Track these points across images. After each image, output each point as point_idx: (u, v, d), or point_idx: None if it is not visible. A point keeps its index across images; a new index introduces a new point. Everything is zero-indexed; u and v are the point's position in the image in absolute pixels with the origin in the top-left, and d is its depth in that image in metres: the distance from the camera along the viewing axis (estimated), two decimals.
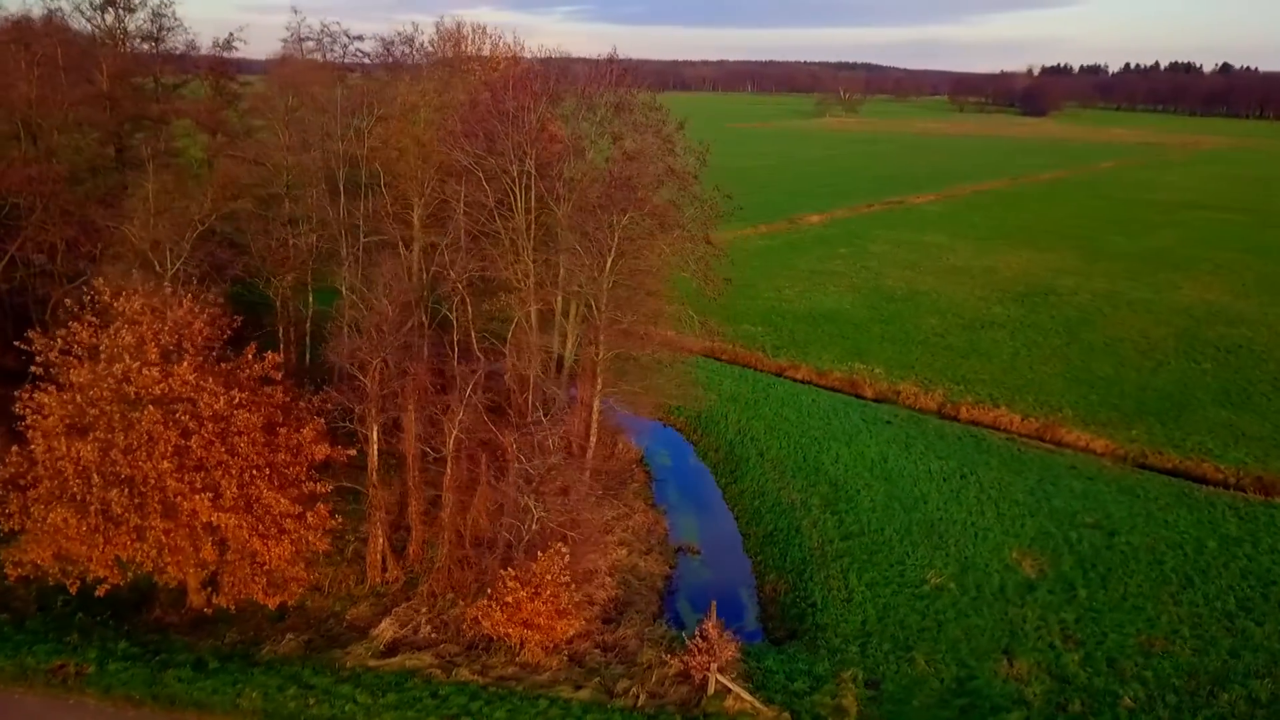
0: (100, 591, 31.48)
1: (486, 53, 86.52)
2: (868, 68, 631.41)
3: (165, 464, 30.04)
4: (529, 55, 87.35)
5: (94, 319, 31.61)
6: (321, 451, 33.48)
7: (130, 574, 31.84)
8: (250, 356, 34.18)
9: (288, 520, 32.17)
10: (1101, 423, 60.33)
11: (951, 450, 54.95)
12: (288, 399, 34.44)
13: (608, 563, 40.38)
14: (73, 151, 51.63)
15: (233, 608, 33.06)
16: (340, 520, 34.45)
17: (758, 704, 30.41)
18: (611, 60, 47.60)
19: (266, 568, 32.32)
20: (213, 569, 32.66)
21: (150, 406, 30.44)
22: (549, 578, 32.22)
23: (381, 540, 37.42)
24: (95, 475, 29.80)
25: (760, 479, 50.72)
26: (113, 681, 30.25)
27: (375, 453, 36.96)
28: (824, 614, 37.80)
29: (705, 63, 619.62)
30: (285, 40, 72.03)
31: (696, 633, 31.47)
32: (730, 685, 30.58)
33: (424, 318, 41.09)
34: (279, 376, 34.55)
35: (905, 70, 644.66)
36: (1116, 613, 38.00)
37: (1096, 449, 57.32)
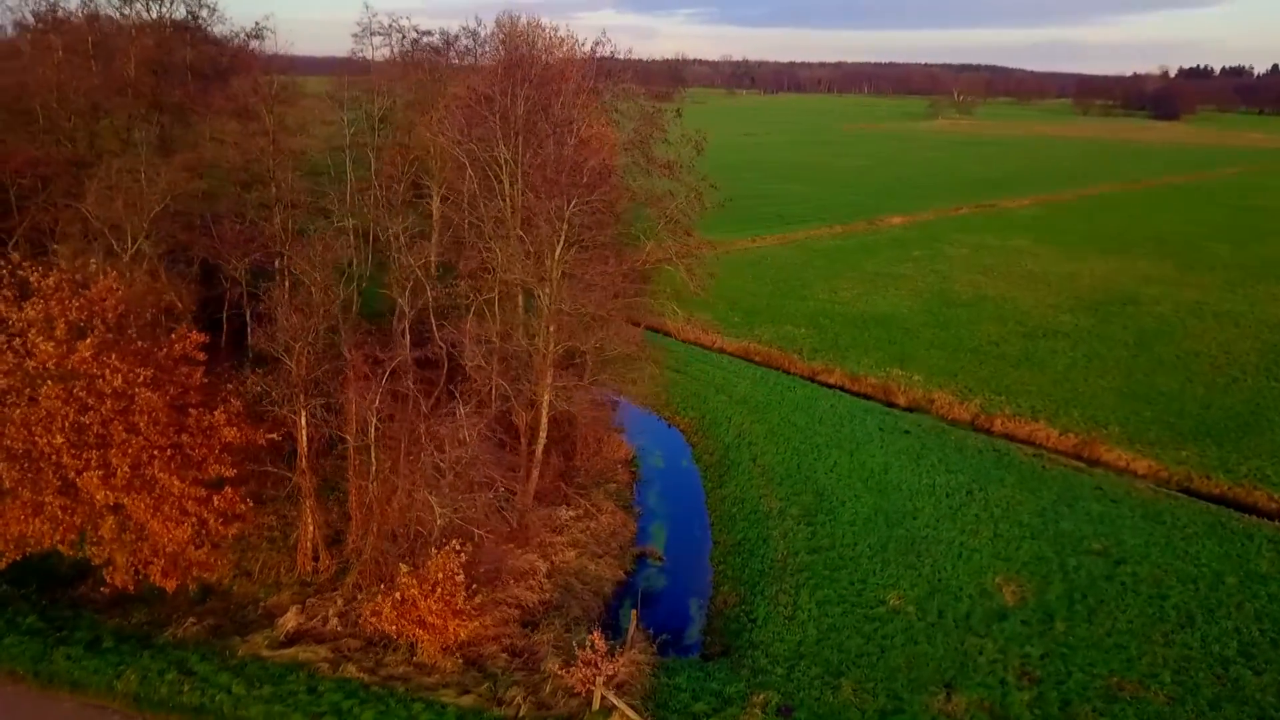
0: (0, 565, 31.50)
1: (539, 47, 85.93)
2: (990, 69, 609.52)
3: (59, 439, 29.81)
4: (575, 50, 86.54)
5: (8, 293, 31.67)
6: (231, 434, 32.80)
7: (28, 551, 31.64)
8: (173, 336, 33.81)
9: (189, 503, 31.57)
10: (1149, 442, 55.42)
11: (966, 464, 51.17)
12: (205, 380, 33.90)
13: (549, 564, 38.65)
14: (90, 136, 52.88)
15: (130, 588, 32.61)
16: (248, 505, 33.72)
17: None
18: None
19: (168, 550, 31.78)
20: (114, 548, 32.28)
21: (50, 382, 30.27)
22: (442, 576, 30.77)
23: (311, 528, 36.65)
24: None
25: (745, 485, 48.16)
26: (3, 655, 30.19)
27: (304, 438, 36.17)
28: (761, 631, 35.21)
29: (822, 65, 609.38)
30: (356, 34, 72.63)
31: (588, 644, 29.50)
32: (615, 702, 28.51)
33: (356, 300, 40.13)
34: (202, 357, 34.09)
35: (1029, 72, 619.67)
36: (1092, 650, 34.21)
37: (1137, 469, 52.68)
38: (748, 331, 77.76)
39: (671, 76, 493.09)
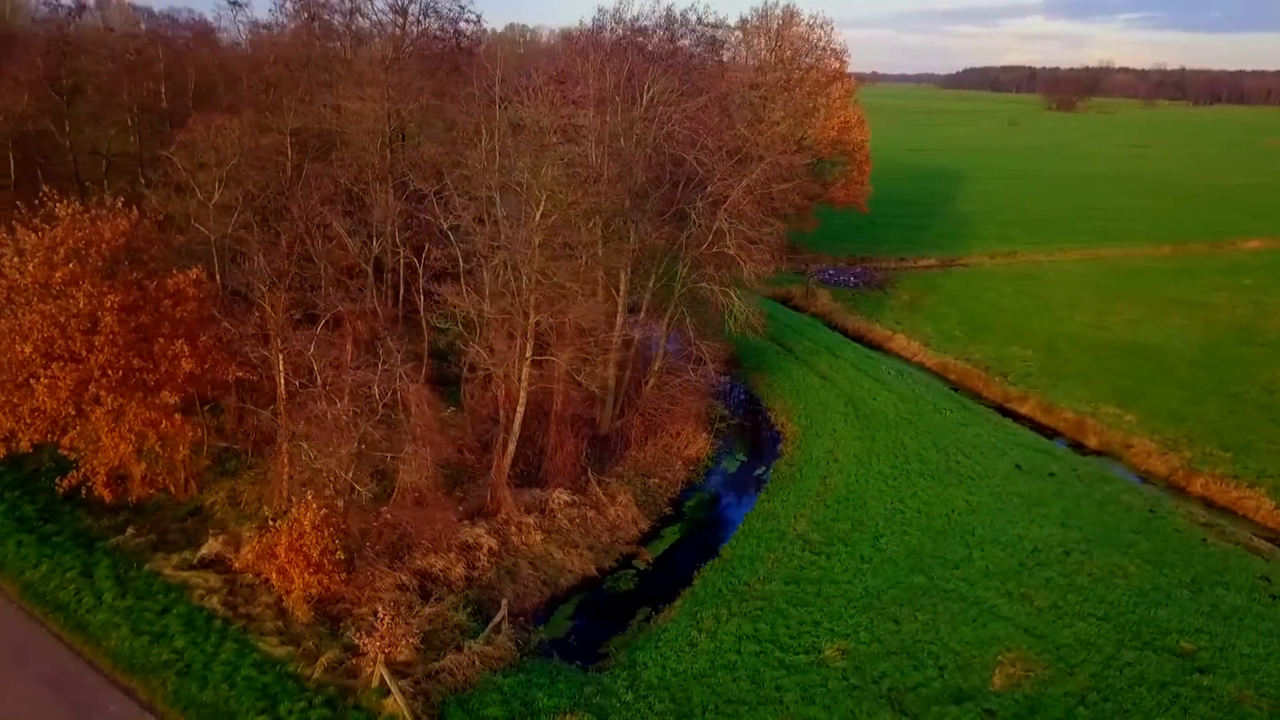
0: None
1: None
2: None
3: (28, 349, 33.58)
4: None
5: (33, 220, 36.13)
6: (189, 365, 34.98)
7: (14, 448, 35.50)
8: (174, 273, 36.79)
9: (136, 423, 34.18)
10: None
11: (1094, 521, 41.50)
12: (192, 318, 36.40)
13: (501, 543, 36.93)
14: None
15: (106, 497, 35.56)
16: (197, 432, 35.75)
17: (405, 712, 26.02)
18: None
19: (112, 462, 34.64)
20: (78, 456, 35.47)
21: (35, 299, 34.21)
22: (306, 525, 30.51)
23: (286, 467, 38.05)
24: None
25: (792, 501, 42.67)
26: None
27: (282, 380, 37.61)
28: (653, 653, 30.95)
29: (1277, 73, 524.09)
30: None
31: (379, 618, 27.77)
32: (390, 685, 26.49)
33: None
34: (194, 293, 36.72)
35: None
36: None
37: None
38: (959, 348, 69.18)
39: (1080, 85, 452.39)
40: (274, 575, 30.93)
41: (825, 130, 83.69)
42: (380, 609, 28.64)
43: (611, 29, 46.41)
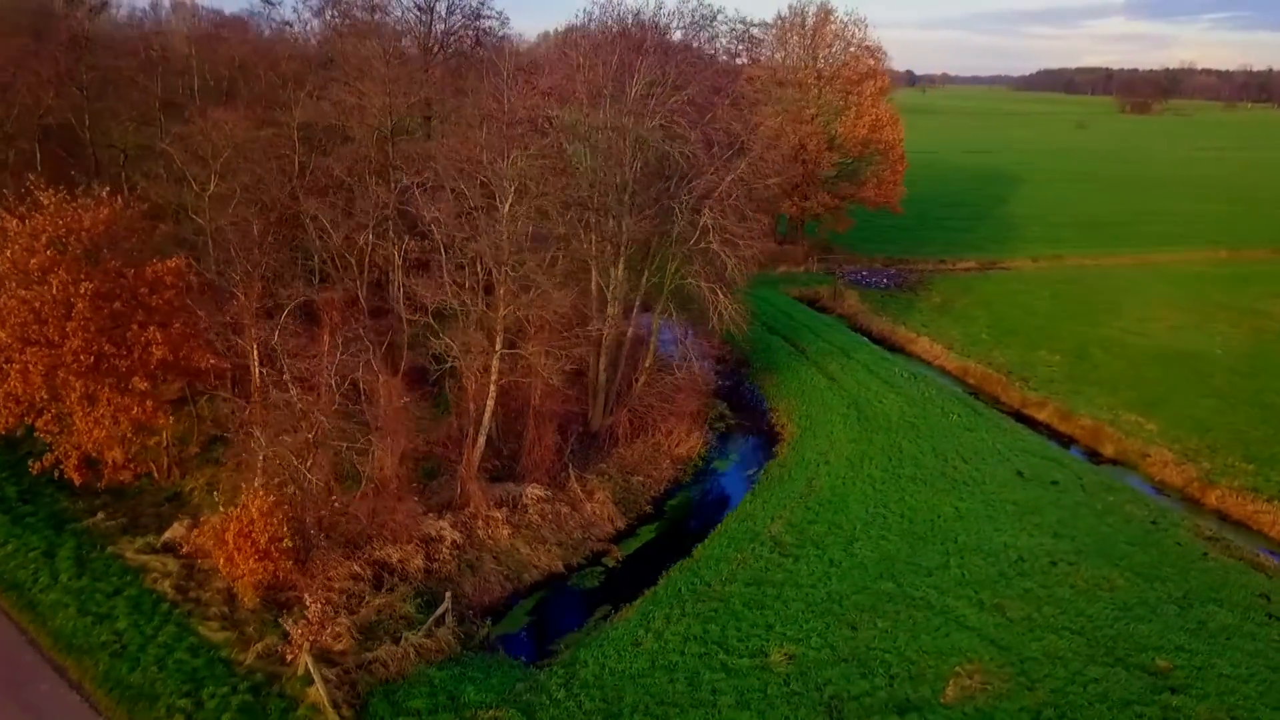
0: None
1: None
2: None
3: (4, 334, 34.37)
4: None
5: (21, 210, 36.97)
6: (161, 352, 35.46)
7: None
8: (155, 261, 37.38)
9: (109, 409, 34.78)
10: None
11: (1088, 531, 39.84)
12: (169, 306, 36.91)
13: (465, 537, 36.72)
14: None
15: (76, 480, 36.24)
16: (167, 419, 36.23)
17: (325, 701, 25.91)
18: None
19: (85, 447, 35.28)
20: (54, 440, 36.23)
21: (14, 285, 35.01)
22: (254, 512, 30.66)
23: (243, 454, 38.28)
24: None
25: (772, 502, 41.74)
26: None
27: (256, 369, 37.97)
28: (595, 651, 30.41)
29: None
30: None
31: (308, 607, 27.72)
32: (314, 674, 26.40)
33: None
34: (171, 281, 37.25)
35: None
36: None
37: None
38: (984, 352, 67.29)
39: (1158, 87, 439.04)
40: (221, 562, 31.11)
41: (855, 128, 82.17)
42: (308, 597, 28.61)
43: (605, 23, 45.98)
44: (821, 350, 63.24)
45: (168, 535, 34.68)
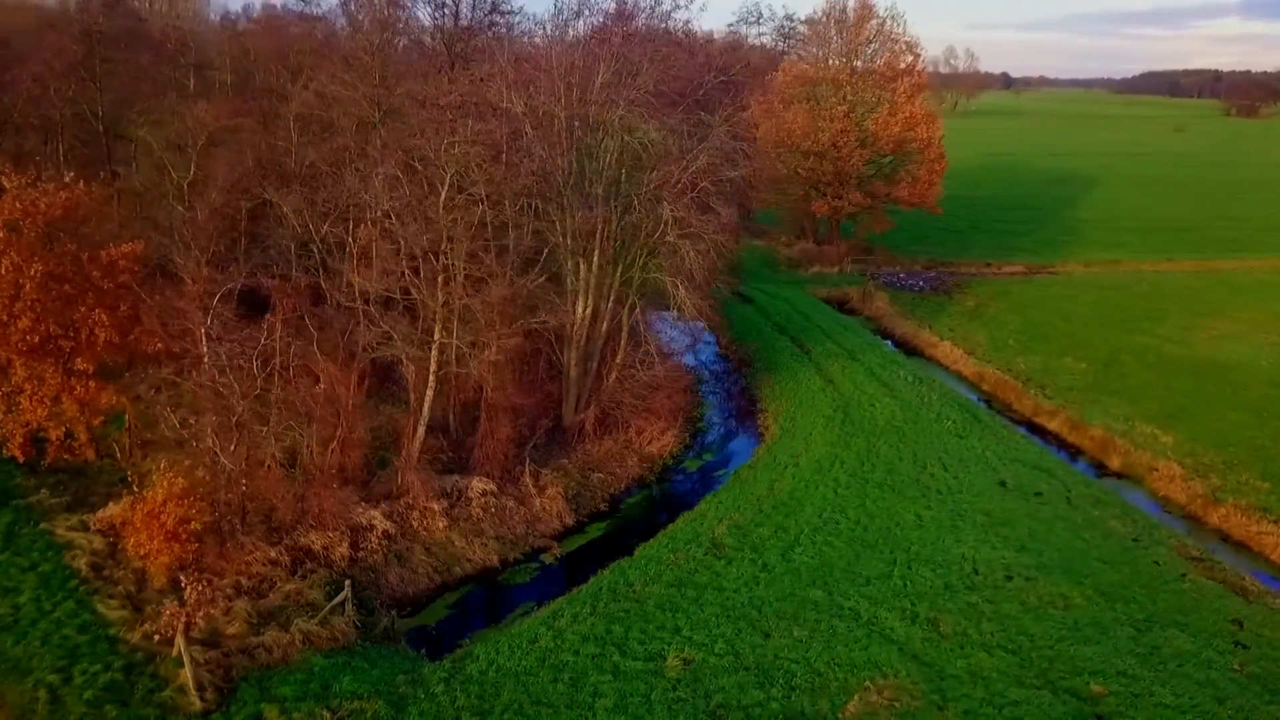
0: None
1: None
2: None
3: None
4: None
5: None
6: (106, 334, 36.02)
7: None
8: (111, 245, 38.05)
9: (51, 388, 35.49)
10: None
11: (1061, 547, 37.58)
12: (122, 290, 37.51)
13: (398, 527, 36.40)
14: None
15: (20, 458, 36.91)
16: (113, 400, 36.77)
17: (190, 683, 25.74)
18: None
19: (30, 426, 36.05)
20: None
21: None
22: (161, 494, 30.80)
23: (214, 436, 38.70)
24: None
25: (728, 504, 40.37)
26: None
27: (215, 353, 38.20)
28: (488, 646, 29.67)
29: None
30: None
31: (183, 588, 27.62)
32: (184, 655, 26.26)
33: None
34: (125, 266, 37.85)
35: None
36: None
37: None
38: (1006, 359, 64.57)
39: (1270, 90, 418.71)
40: (129, 542, 31.30)
41: (889, 126, 79.67)
42: (183, 579, 28.52)
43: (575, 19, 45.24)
44: (827, 352, 61.34)
45: (100, 514, 35.08)
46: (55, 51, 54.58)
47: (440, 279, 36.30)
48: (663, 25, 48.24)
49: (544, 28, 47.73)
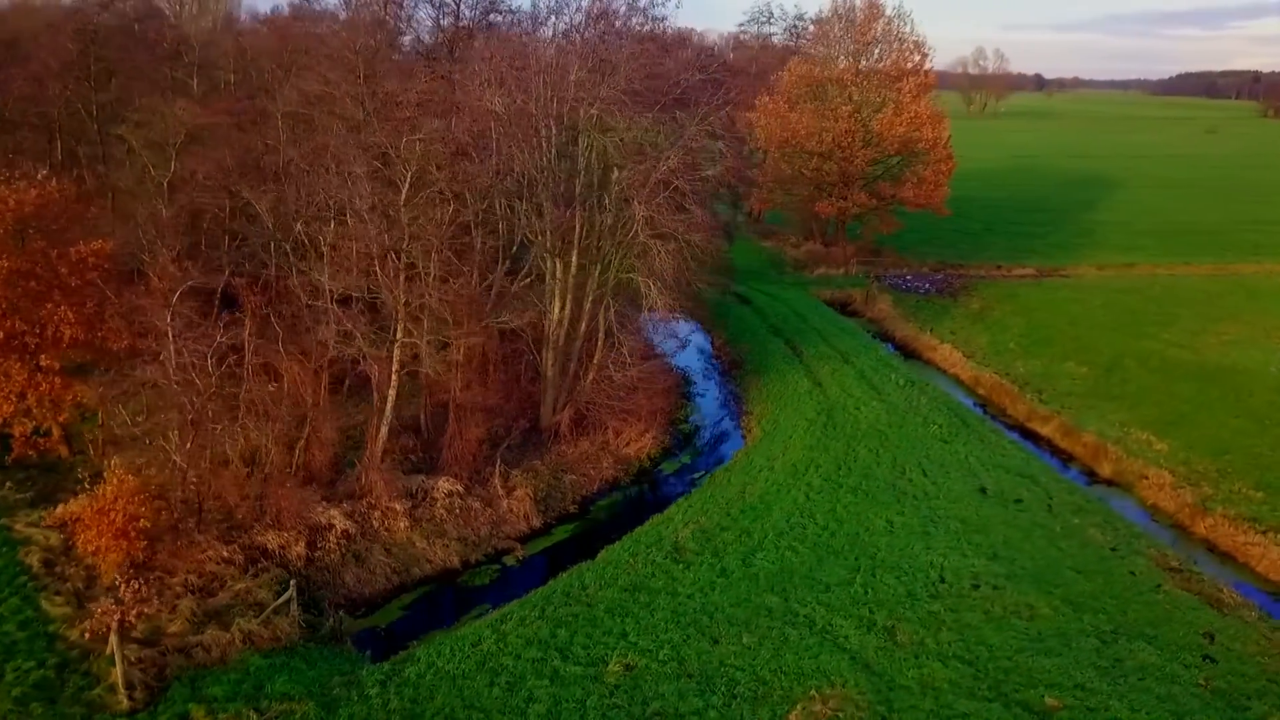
0: None
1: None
2: None
3: None
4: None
5: None
6: (71, 331, 36.18)
7: None
8: (81, 243, 38.25)
9: (16, 384, 35.72)
10: None
11: (1035, 556, 36.68)
12: (89, 286, 37.67)
13: (357, 527, 36.19)
14: None
15: None
16: (75, 397, 36.92)
17: (120, 681, 25.62)
18: None
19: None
20: None
21: None
22: (111, 492, 30.80)
23: (176, 434, 38.75)
24: None
25: (696, 508, 39.81)
26: None
27: (173, 350, 38.26)
28: (431, 648, 29.34)
29: None
30: None
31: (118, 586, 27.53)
32: (116, 654, 26.15)
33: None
34: (94, 263, 38.02)
35: None
36: None
37: None
38: (1005, 363, 63.48)
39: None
40: (79, 540, 31.32)
41: (894, 125, 78.64)
42: (118, 576, 28.44)
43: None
44: (819, 355, 60.56)
45: (56, 511, 35.13)
46: (52, 50, 55.04)
47: (401, 277, 36.01)
48: (642, 24, 47.77)
49: (521, 25, 47.10)
